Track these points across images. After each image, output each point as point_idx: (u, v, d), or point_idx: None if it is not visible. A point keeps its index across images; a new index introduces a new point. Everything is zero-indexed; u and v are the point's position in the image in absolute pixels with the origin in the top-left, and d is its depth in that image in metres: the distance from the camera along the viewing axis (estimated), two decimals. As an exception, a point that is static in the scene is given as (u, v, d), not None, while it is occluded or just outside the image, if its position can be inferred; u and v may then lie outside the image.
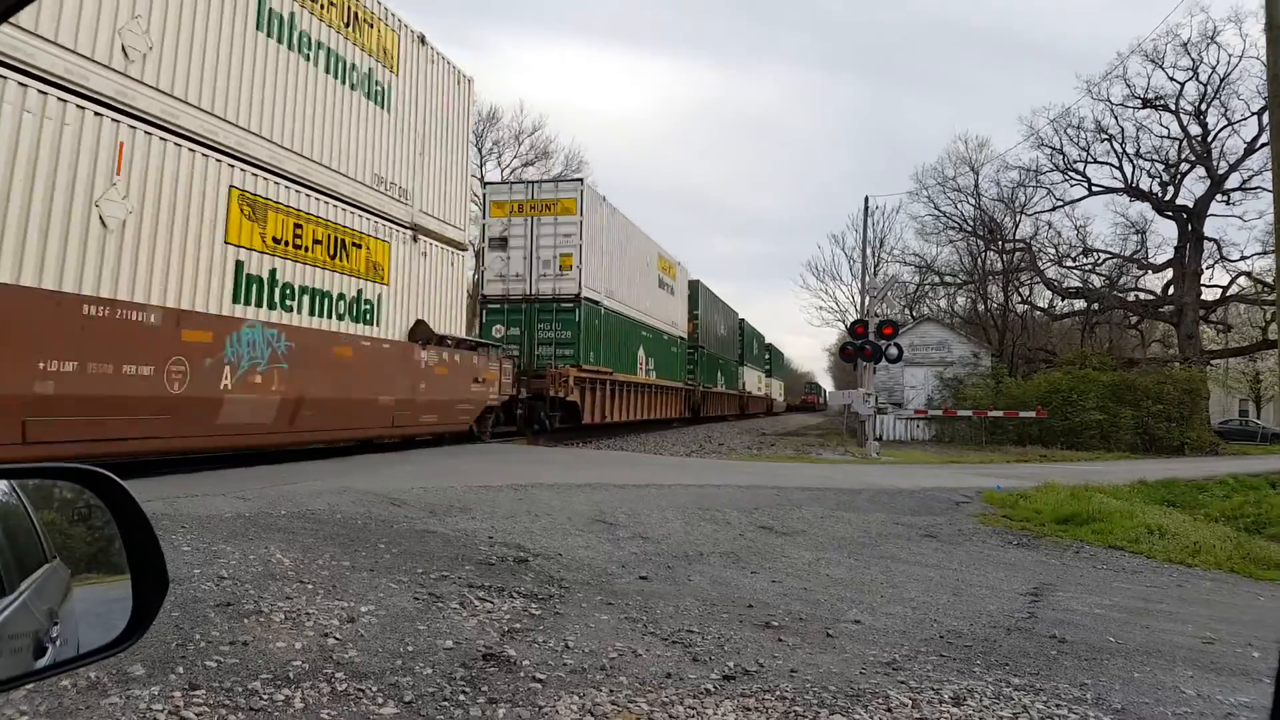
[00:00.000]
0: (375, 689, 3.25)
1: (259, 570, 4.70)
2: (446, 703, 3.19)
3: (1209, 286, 37.39)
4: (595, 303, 21.65)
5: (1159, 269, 39.15)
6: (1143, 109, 36.43)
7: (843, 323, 55.79)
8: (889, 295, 51.41)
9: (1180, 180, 36.92)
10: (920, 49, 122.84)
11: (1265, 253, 33.26)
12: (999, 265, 42.79)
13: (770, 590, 5.50)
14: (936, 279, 47.79)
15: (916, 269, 48.62)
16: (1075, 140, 38.47)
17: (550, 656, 3.79)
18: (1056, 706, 3.56)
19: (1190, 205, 36.29)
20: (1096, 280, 41.03)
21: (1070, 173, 39.26)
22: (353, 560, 5.19)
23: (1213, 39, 33.94)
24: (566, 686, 3.43)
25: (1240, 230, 47.23)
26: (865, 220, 31.88)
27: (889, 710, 3.40)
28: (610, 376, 22.80)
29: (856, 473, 14.87)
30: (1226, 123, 34.95)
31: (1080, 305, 41.87)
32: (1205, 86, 34.81)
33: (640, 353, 26.39)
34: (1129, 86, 36.35)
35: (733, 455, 19.62)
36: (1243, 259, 36.71)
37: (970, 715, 3.41)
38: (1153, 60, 35.23)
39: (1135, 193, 38.01)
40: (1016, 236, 42.14)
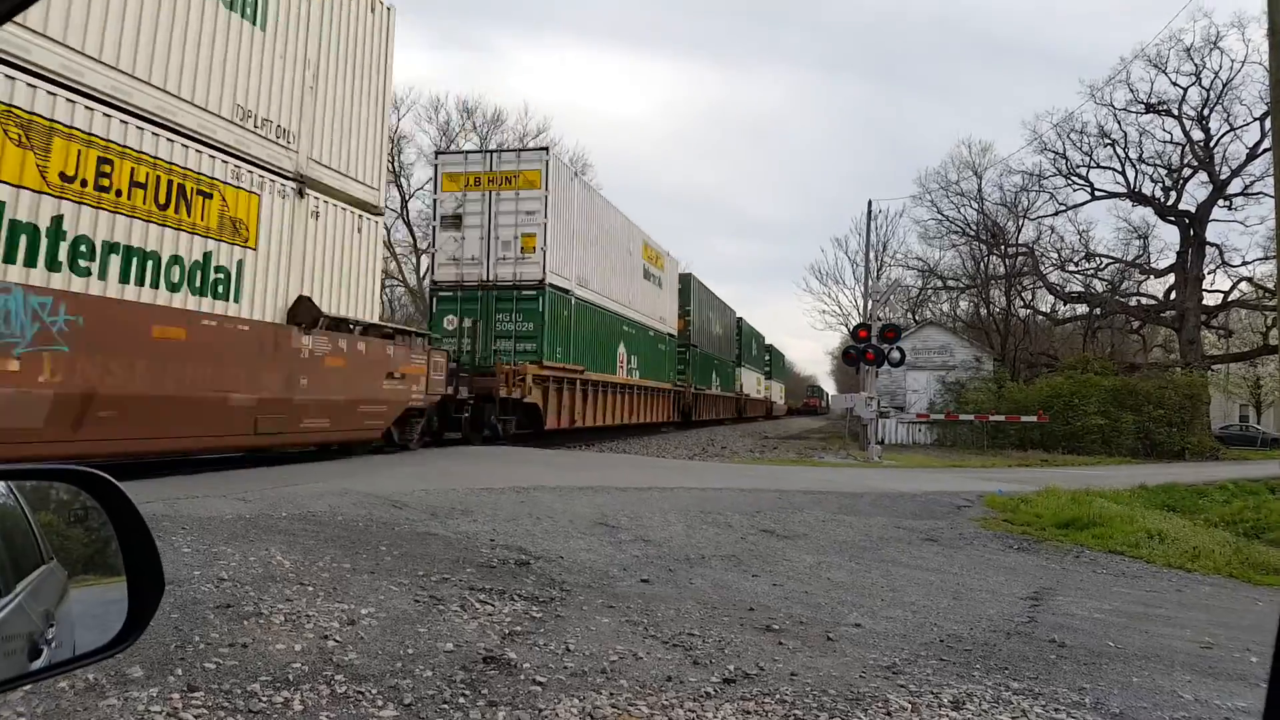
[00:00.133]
0: (375, 691, 3.25)
1: (259, 572, 4.71)
2: (446, 705, 3.19)
3: (1210, 292, 37.47)
4: (563, 291, 19.46)
5: (1161, 274, 39.21)
6: (1145, 114, 36.51)
7: (845, 326, 55.78)
8: (892, 299, 51.45)
9: (1182, 185, 37.00)
10: (924, 53, 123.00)
11: (1266, 258, 33.32)
12: (1001, 270, 42.84)
13: (771, 593, 5.50)
14: (939, 283, 47.86)
15: (919, 273, 48.67)
16: (1078, 145, 38.57)
17: (551, 659, 3.79)
18: (1055, 711, 3.56)
19: (1192, 210, 36.34)
20: (1099, 285, 41.12)
21: (1073, 177, 39.35)
22: (353, 562, 5.20)
23: (1215, 44, 34.02)
24: (567, 689, 3.43)
25: (1242, 235, 47.50)
26: (868, 224, 31.88)
27: (888, 714, 3.40)
28: (581, 375, 20.56)
29: (858, 476, 14.87)
30: (1229, 128, 35.05)
31: (1082, 310, 41.86)
32: (1208, 91, 34.89)
33: (620, 350, 24.18)
34: (1132, 91, 36.42)
35: (735, 458, 19.62)
36: (1244, 264, 36.81)
37: (969, 719, 3.42)
38: (1156, 65, 35.29)
39: (1138, 197, 38.06)
40: (1019, 241, 42.19)
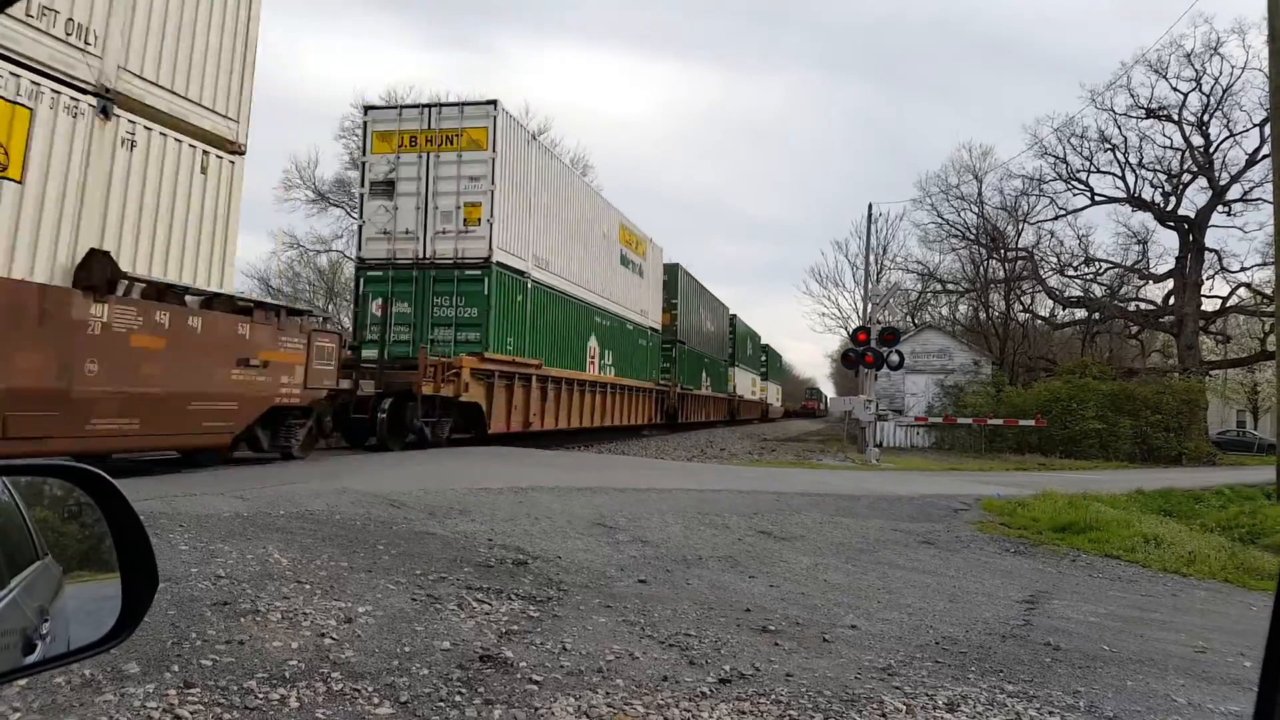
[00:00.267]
0: (371, 689, 3.25)
1: (256, 570, 4.71)
2: (443, 703, 3.19)
3: (1209, 297, 37.59)
4: (517, 273, 17.18)
5: (1160, 279, 39.30)
6: (1146, 119, 36.64)
7: (845, 329, 55.75)
8: (891, 302, 51.42)
9: (1182, 191, 37.08)
10: (925, 56, 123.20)
11: (1265, 264, 33.32)
12: (1001, 274, 42.92)
13: (768, 595, 5.50)
14: (939, 286, 47.91)
15: (919, 276, 48.69)
16: (1078, 149, 38.70)
17: (547, 658, 3.79)
18: (1050, 713, 3.56)
19: (1192, 216, 36.42)
20: (1098, 290, 41.20)
21: (1073, 182, 39.47)
22: (351, 561, 5.20)
23: (1216, 50, 34.12)
24: (563, 688, 3.44)
25: (1241, 241, 47.66)
26: (869, 227, 31.97)
27: (884, 715, 3.40)
28: (538, 370, 18.04)
29: (856, 479, 14.88)
30: (1229, 134, 35.18)
31: (1081, 314, 41.94)
32: (1208, 97, 35.01)
33: (591, 343, 21.82)
34: (1133, 96, 36.55)
35: (733, 460, 19.62)
36: (1243, 270, 36.95)
37: (964, 722, 3.42)
38: (1156, 71, 35.41)
39: (1137, 203, 38.14)
40: (1019, 245, 42.30)
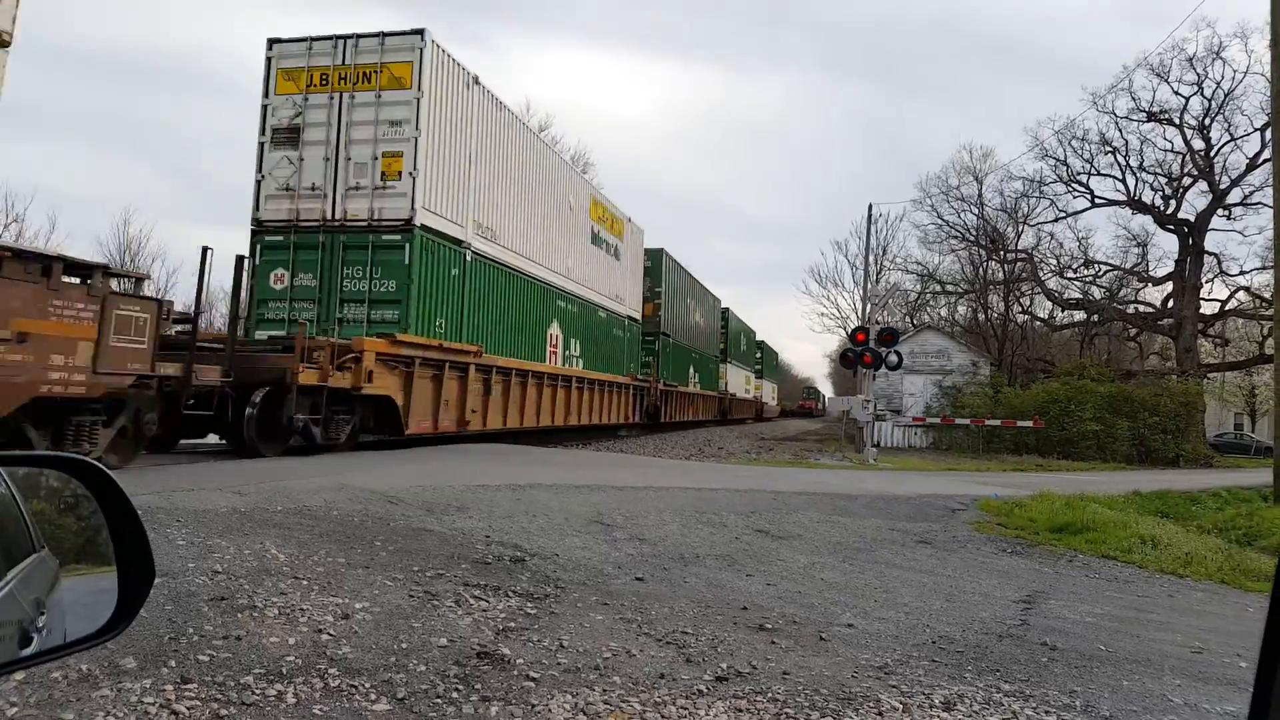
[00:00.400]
0: (368, 685, 3.25)
1: (254, 565, 4.71)
2: (439, 700, 3.20)
3: (1208, 300, 37.61)
4: (452, 241, 14.51)
5: (1159, 282, 39.31)
6: (1147, 122, 36.61)
7: (843, 329, 55.78)
8: (890, 303, 51.46)
9: (1182, 194, 37.08)
10: (926, 56, 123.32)
11: (1264, 268, 33.34)
12: (1000, 275, 42.93)
13: (765, 593, 5.51)
14: (938, 287, 47.90)
15: (918, 277, 48.69)
16: (1079, 152, 38.64)
17: (544, 655, 3.80)
18: (1046, 713, 3.57)
19: (1191, 219, 36.43)
20: (1097, 292, 41.16)
21: (1073, 184, 39.42)
22: (348, 557, 5.20)
23: (1218, 54, 34.10)
24: (560, 685, 3.44)
25: (1240, 245, 47.60)
26: (868, 227, 32.02)
27: (880, 714, 3.41)
28: (476, 359, 14.99)
29: (854, 478, 14.88)
30: (1229, 138, 35.14)
31: (1080, 317, 41.97)
32: (1209, 101, 34.97)
33: (553, 330, 19.29)
34: (1134, 100, 36.53)
35: (731, 459, 19.63)
36: (1242, 274, 36.98)
37: (960, 721, 3.43)
38: (1158, 74, 35.39)
39: (1137, 206, 38.13)
40: (1018, 247, 42.29)
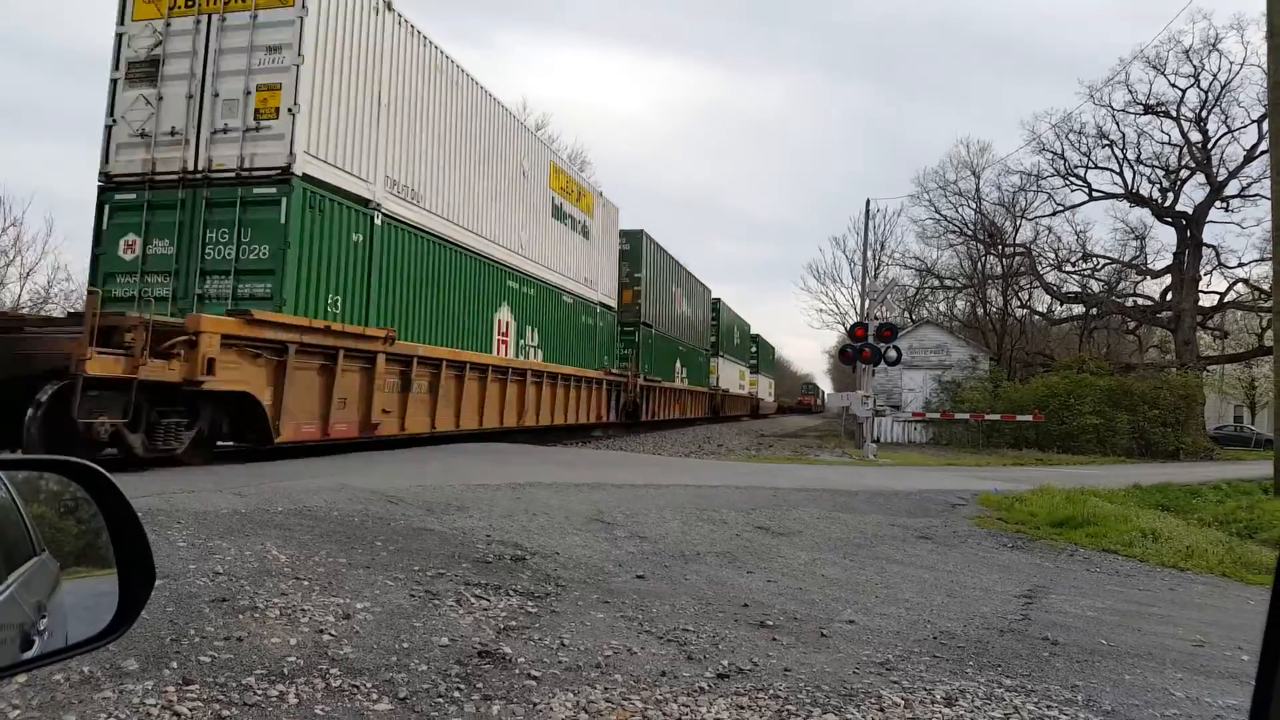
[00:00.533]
0: (370, 685, 3.26)
1: (255, 566, 4.71)
2: (441, 699, 3.20)
3: (1206, 293, 37.62)
4: (354, 200, 11.88)
5: (1157, 275, 39.33)
6: (1144, 115, 36.62)
7: (842, 325, 55.91)
8: (889, 298, 51.55)
9: (1180, 186, 37.12)
10: (925, 56, 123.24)
11: (1263, 259, 33.34)
12: (999, 269, 42.93)
13: (766, 590, 5.51)
14: (936, 282, 47.94)
15: (917, 272, 48.78)
16: (1076, 145, 38.68)
17: (545, 654, 3.80)
18: (1047, 708, 3.57)
19: (1189, 212, 36.46)
20: (1095, 285, 41.22)
21: (1071, 178, 39.45)
22: (349, 557, 5.20)
23: (1214, 46, 34.11)
24: (561, 684, 3.44)
25: (1238, 237, 47.61)
26: (866, 223, 32.05)
27: (881, 710, 3.41)
28: (385, 347, 12.24)
29: (853, 474, 14.88)
30: (1227, 130, 35.20)
31: (1079, 310, 41.96)
32: (1206, 93, 35.00)
33: (502, 315, 16.80)
34: (1131, 92, 36.54)
35: (731, 456, 19.63)
36: (1240, 265, 37.02)
37: (962, 715, 3.43)
38: (1155, 67, 35.39)
39: (1135, 198, 38.15)
40: (1016, 241, 42.30)
